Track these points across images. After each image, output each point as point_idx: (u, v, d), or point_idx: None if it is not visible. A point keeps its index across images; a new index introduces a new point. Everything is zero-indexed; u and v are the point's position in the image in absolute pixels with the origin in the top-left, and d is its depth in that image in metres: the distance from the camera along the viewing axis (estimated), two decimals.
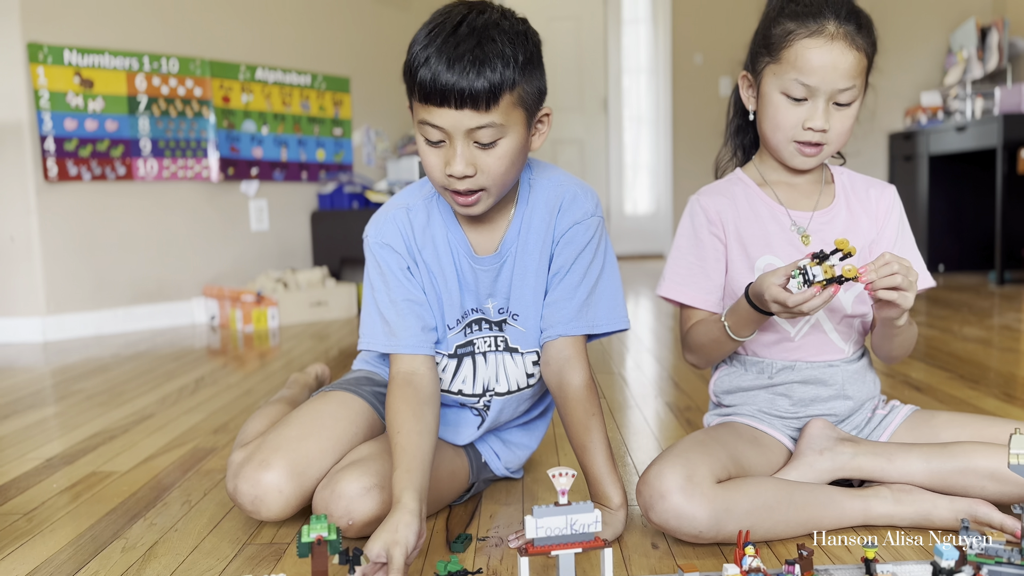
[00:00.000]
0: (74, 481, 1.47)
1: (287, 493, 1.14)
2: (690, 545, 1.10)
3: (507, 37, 1.01)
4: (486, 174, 1.04)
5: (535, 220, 1.17)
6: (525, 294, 1.18)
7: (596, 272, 1.17)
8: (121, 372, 2.50)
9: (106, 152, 3.27)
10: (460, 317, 1.20)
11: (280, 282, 3.58)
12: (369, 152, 4.27)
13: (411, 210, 1.17)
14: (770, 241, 1.23)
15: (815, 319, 1.22)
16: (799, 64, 1.13)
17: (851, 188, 1.27)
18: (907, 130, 4.77)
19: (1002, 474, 1.10)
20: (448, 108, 1.00)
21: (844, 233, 1.24)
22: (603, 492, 1.13)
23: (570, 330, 1.16)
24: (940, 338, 2.63)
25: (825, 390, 1.23)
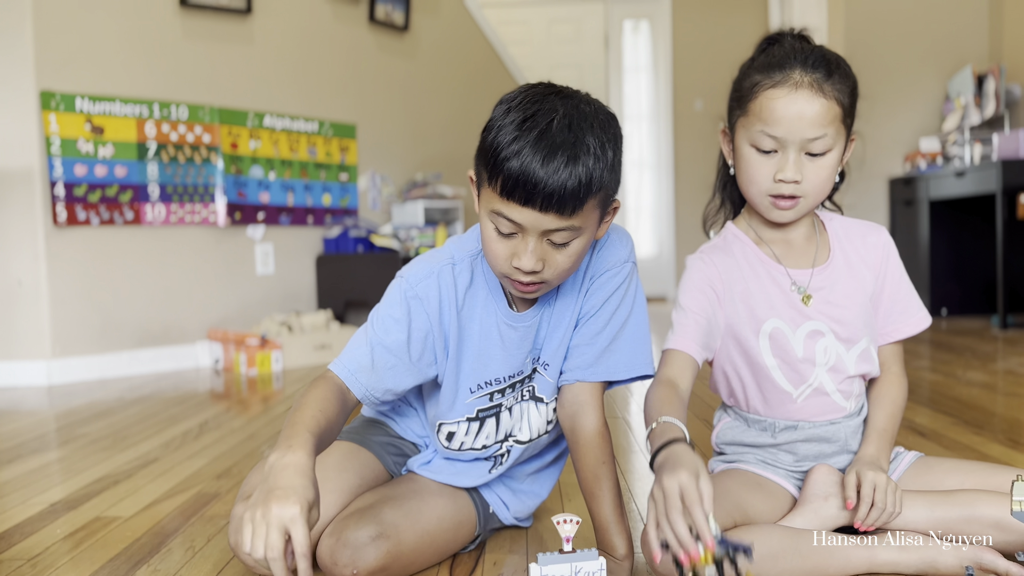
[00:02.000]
0: (77, 527, 1.47)
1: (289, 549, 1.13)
2: None
3: (599, 142, 0.98)
4: (552, 269, 1.03)
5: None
6: (555, 342, 1.18)
7: (621, 319, 1.16)
8: (125, 416, 2.50)
9: (115, 197, 3.31)
10: (488, 382, 1.17)
11: (285, 325, 3.60)
12: (374, 196, 4.32)
13: (457, 266, 1.13)
14: (773, 304, 1.21)
15: (818, 382, 1.21)
16: (764, 115, 1.12)
17: (845, 237, 1.25)
18: (907, 175, 4.81)
19: (1007, 523, 1.09)
20: (531, 209, 0.96)
21: (846, 288, 1.21)
22: (609, 541, 1.13)
23: (587, 376, 1.16)
24: (944, 383, 2.63)
25: (828, 447, 1.23)
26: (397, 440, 1.33)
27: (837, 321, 1.20)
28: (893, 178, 4.96)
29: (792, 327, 1.20)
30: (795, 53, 1.13)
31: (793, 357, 1.20)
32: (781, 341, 1.20)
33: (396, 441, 1.32)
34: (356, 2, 4.18)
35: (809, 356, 1.20)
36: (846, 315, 1.21)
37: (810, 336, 1.21)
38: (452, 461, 1.27)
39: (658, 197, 6.72)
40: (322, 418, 1.02)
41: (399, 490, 1.21)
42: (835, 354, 1.20)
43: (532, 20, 6.62)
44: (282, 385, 3.04)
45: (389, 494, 1.19)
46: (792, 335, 1.20)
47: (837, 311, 1.20)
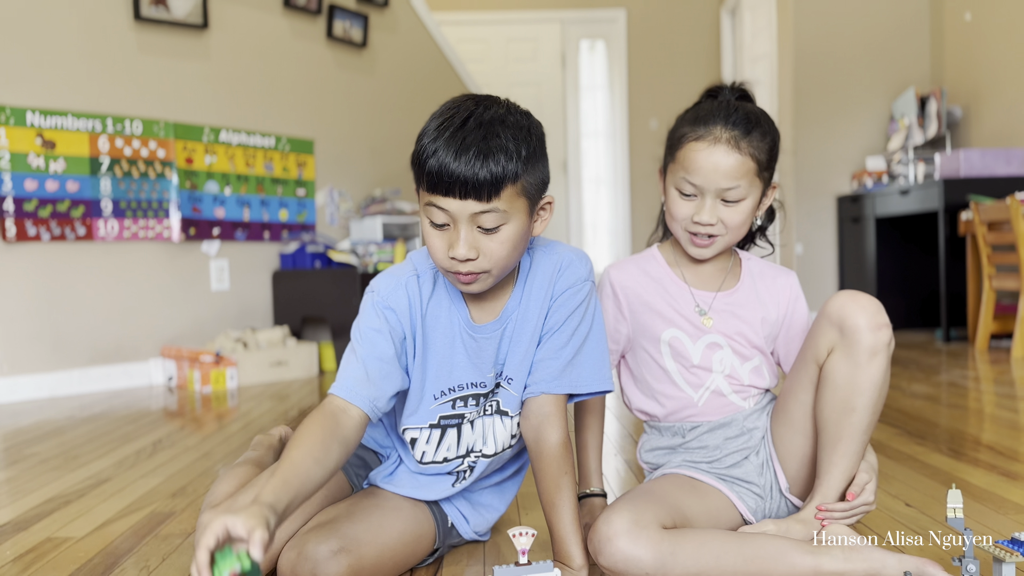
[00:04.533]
0: (27, 548, 1.44)
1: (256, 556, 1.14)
2: None
3: (511, 132, 1.07)
4: (488, 257, 1.09)
5: (535, 288, 1.21)
6: (517, 356, 1.21)
7: (583, 334, 1.21)
8: (76, 435, 2.46)
9: (66, 213, 3.26)
10: (451, 388, 1.21)
11: (240, 342, 3.56)
12: (332, 212, 4.31)
13: (421, 277, 1.20)
14: (674, 317, 1.33)
15: (715, 385, 1.32)
16: (686, 164, 1.26)
17: (758, 274, 1.38)
18: (854, 193, 4.96)
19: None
20: (453, 198, 1.05)
21: (747, 314, 1.35)
22: (566, 551, 1.15)
23: (553, 388, 1.20)
24: (889, 395, 2.70)
25: (731, 430, 1.33)
26: (359, 449, 1.34)
27: (733, 339, 1.33)
28: (841, 196, 5.10)
29: (692, 338, 1.33)
30: (720, 110, 1.26)
31: (690, 363, 1.32)
32: (679, 348, 1.33)
33: (358, 451, 1.34)
34: (314, 18, 4.19)
35: (706, 364, 1.32)
36: (743, 337, 1.33)
37: (708, 347, 1.33)
38: (415, 474, 1.28)
39: (614, 213, 6.81)
40: (305, 478, 1.01)
41: (361, 504, 1.22)
42: (730, 364, 1.32)
43: (490, 38, 6.68)
44: (237, 402, 3.01)
45: (351, 508, 1.20)
46: (691, 345, 1.33)
47: (734, 331, 1.33)
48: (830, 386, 1.21)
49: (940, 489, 1.61)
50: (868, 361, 1.17)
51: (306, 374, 3.64)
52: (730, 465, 1.31)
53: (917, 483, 1.66)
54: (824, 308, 1.22)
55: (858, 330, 1.16)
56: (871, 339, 1.16)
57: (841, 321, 1.18)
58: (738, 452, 1.32)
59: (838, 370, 1.19)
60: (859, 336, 1.16)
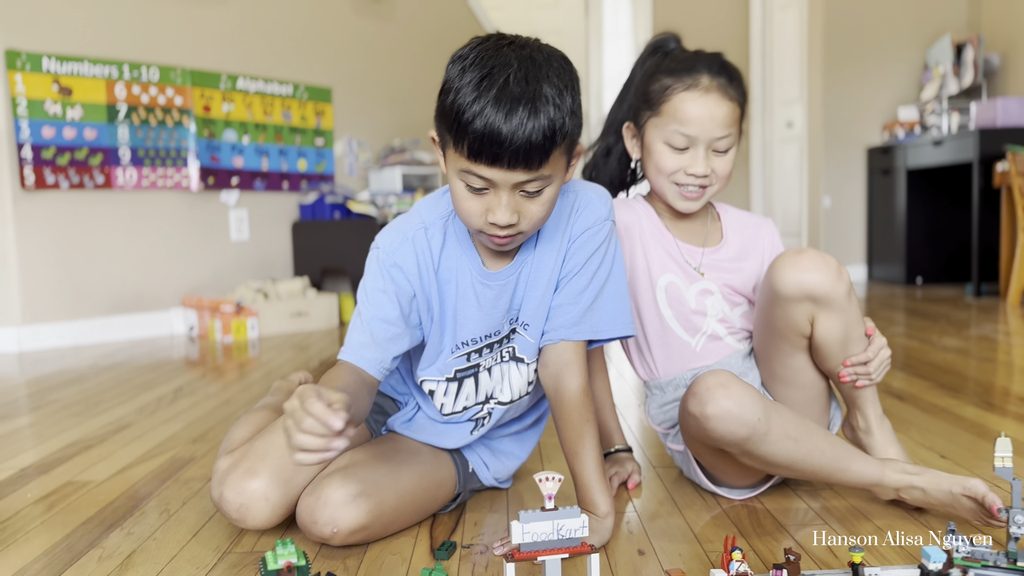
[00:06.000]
0: (49, 491, 1.44)
1: (273, 501, 1.12)
2: (675, 552, 1.10)
3: (557, 85, 0.97)
4: (528, 219, 1.03)
5: (550, 230, 1.15)
6: (534, 302, 1.16)
7: (603, 277, 1.16)
8: (98, 382, 2.46)
9: (84, 161, 3.23)
10: (467, 342, 1.16)
11: (260, 292, 3.55)
12: (351, 162, 4.26)
13: (429, 229, 1.13)
14: (667, 263, 1.32)
15: (711, 329, 1.31)
16: (679, 116, 1.23)
17: (738, 226, 1.37)
18: (885, 144, 4.83)
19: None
20: (499, 168, 0.96)
21: (735, 266, 1.33)
22: (591, 499, 1.12)
23: (572, 334, 1.16)
24: (920, 348, 2.65)
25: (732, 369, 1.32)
26: (377, 397, 1.31)
27: (723, 287, 1.33)
28: (871, 147, 4.97)
29: (686, 284, 1.33)
30: (701, 60, 1.25)
31: (687, 308, 1.32)
32: (676, 293, 1.32)
33: (376, 399, 1.31)
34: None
35: (701, 308, 1.32)
36: (730, 288, 1.33)
37: (701, 293, 1.33)
38: (434, 421, 1.26)
39: None
40: (342, 384, 1.01)
41: (380, 449, 1.20)
42: (722, 310, 1.33)
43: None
44: (258, 352, 3.01)
45: (370, 453, 1.18)
46: (686, 290, 1.32)
47: (723, 283, 1.33)
48: (835, 343, 1.20)
49: (974, 441, 1.58)
50: (848, 303, 1.17)
51: (326, 325, 3.63)
52: None
53: (952, 435, 1.62)
54: (775, 285, 1.17)
55: (828, 291, 1.15)
56: (842, 289, 1.16)
57: (809, 293, 1.15)
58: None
59: (832, 330, 1.18)
60: (833, 295, 1.16)
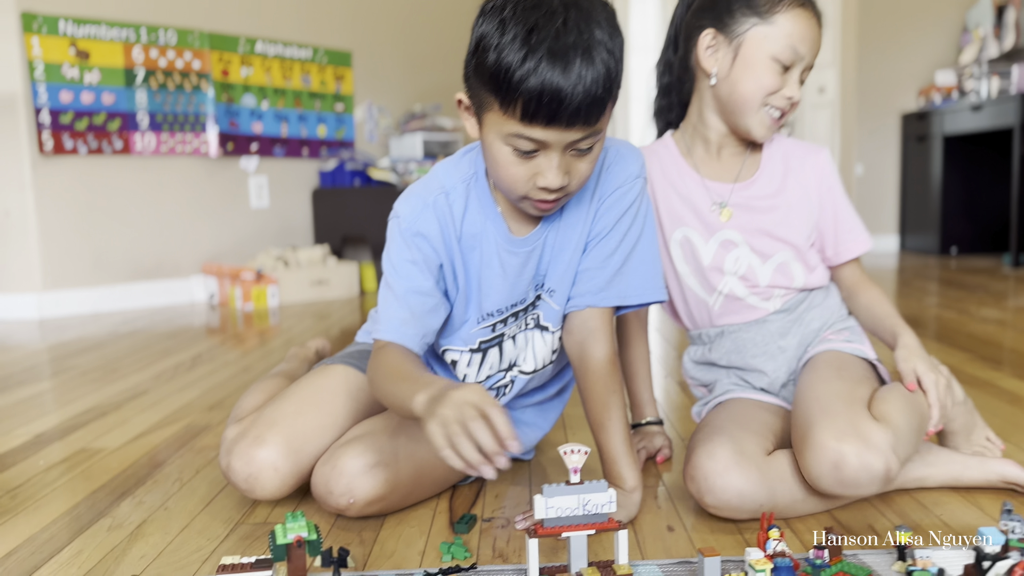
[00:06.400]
0: (63, 457, 1.41)
1: (283, 471, 1.08)
2: (707, 528, 1.04)
3: (607, 34, 0.88)
4: (577, 179, 0.95)
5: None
6: (561, 266, 1.09)
7: (633, 239, 1.08)
8: (116, 349, 2.44)
9: (103, 126, 3.20)
10: (492, 312, 1.09)
11: (280, 260, 3.52)
12: (371, 129, 4.20)
13: (450, 194, 1.03)
14: (684, 214, 1.21)
15: (728, 288, 1.21)
16: (796, 32, 1.12)
17: (781, 157, 1.23)
18: (920, 110, 4.68)
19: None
20: (557, 128, 0.88)
21: (770, 203, 1.21)
22: (618, 472, 1.07)
23: (599, 301, 1.09)
24: (957, 320, 2.56)
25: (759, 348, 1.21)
26: None
27: (753, 235, 1.20)
28: (906, 113, 4.82)
29: (704, 237, 1.21)
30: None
31: (701, 265, 1.22)
32: (690, 249, 1.22)
33: None
34: None
35: (717, 264, 1.21)
36: (763, 230, 1.20)
37: (722, 246, 1.21)
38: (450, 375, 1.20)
39: None
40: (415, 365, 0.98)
41: (398, 418, 1.14)
42: (746, 264, 1.20)
43: None
44: (279, 320, 2.98)
45: (388, 422, 1.13)
46: (703, 244, 1.21)
47: (753, 226, 1.20)
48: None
49: (1016, 413, 1.50)
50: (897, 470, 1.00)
51: (347, 294, 3.59)
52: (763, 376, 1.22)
53: (996, 409, 1.54)
54: (809, 475, 1.01)
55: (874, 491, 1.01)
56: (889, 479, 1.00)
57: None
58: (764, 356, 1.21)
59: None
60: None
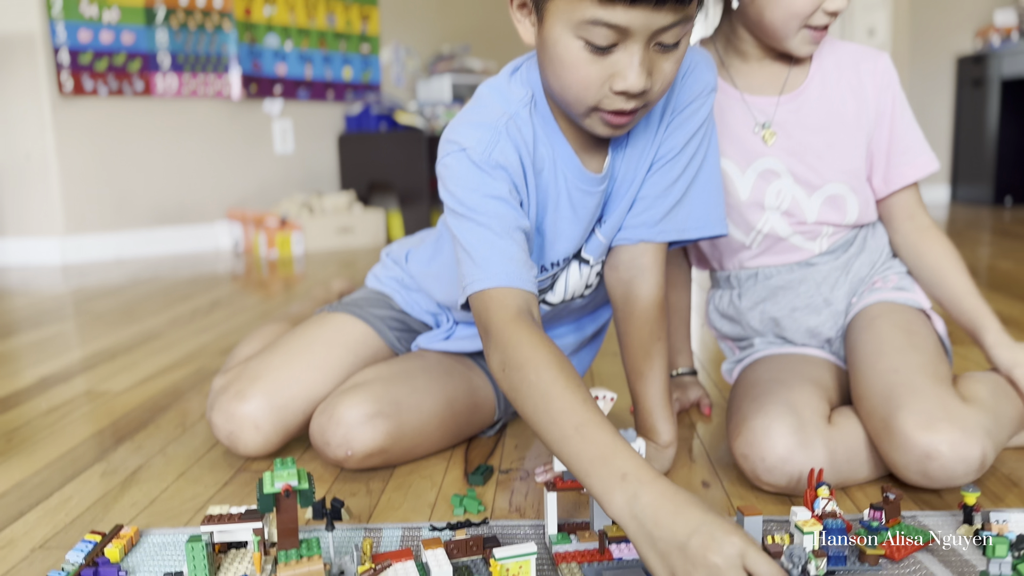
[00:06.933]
0: (65, 400, 1.35)
1: (265, 429, 1.00)
2: (746, 484, 0.94)
3: None
4: (660, 82, 0.78)
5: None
6: (624, 201, 0.94)
7: (699, 162, 0.94)
8: (135, 293, 2.39)
9: (123, 66, 3.11)
10: (557, 262, 0.95)
11: (305, 207, 3.44)
12: (398, 71, 4.06)
13: (515, 119, 0.86)
14: (720, 140, 1.02)
15: (769, 227, 1.05)
16: None
17: (832, 63, 1.04)
18: (977, 53, 4.42)
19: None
20: (643, 6, 0.71)
21: (819, 122, 1.02)
22: (652, 425, 0.97)
23: (655, 235, 0.95)
24: (1017, 270, 2.40)
25: (798, 299, 1.06)
26: (403, 316, 1.15)
27: (800, 160, 1.03)
28: (962, 56, 4.56)
29: (740, 167, 1.04)
30: None
31: (737, 200, 1.05)
32: (725, 182, 1.05)
33: (402, 316, 1.15)
34: None
35: (757, 199, 1.04)
36: (813, 153, 1.03)
37: (762, 176, 1.04)
38: (474, 334, 1.09)
39: None
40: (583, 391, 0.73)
41: (404, 366, 1.05)
42: (790, 198, 1.04)
43: None
44: (304, 268, 2.91)
45: (392, 370, 1.03)
46: (739, 176, 1.05)
47: (802, 148, 1.03)
48: None
49: None
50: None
51: (373, 242, 3.51)
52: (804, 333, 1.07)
53: None
54: (886, 455, 0.88)
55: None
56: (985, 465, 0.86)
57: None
58: (807, 309, 1.06)
59: None
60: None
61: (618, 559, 0.75)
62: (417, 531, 0.84)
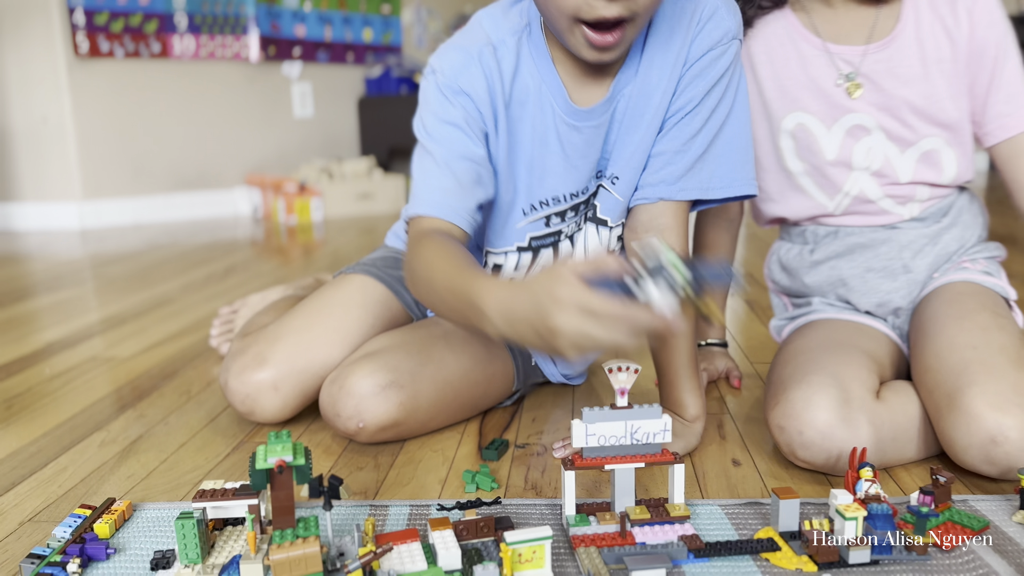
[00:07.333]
0: (69, 366, 1.31)
1: (284, 391, 0.96)
2: (780, 462, 0.87)
3: None
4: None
5: (662, 45, 0.86)
6: (629, 147, 0.89)
7: (722, 116, 0.88)
8: (150, 258, 2.35)
9: (139, 27, 3.06)
10: (544, 202, 0.92)
11: (325, 172, 3.38)
12: (420, 33, 3.97)
13: (499, 48, 0.85)
14: (800, 94, 0.96)
15: (858, 189, 0.96)
16: None
17: (928, 4, 0.93)
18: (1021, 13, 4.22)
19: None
20: None
21: (913, 71, 0.92)
22: (678, 398, 0.91)
23: (674, 193, 0.89)
24: None
25: (876, 259, 0.97)
26: None
27: (892, 115, 0.94)
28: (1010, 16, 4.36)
29: (825, 122, 0.96)
30: None
31: (822, 160, 0.97)
32: (807, 140, 0.97)
33: None
34: None
35: (844, 158, 0.96)
36: (907, 107, 0.94)
37: (850, 133, 0.95)
38: None
39: None
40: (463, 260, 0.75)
41: (419, 334, 0.99)
42: (881, 156, 0.95)
43: None
44: (323, 235, 2.85)
45: (407, 338, 0.98)
46: (824, 133, 0.96)
47: (894, 102, 0.94)
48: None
49: None
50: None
51: (393, 208, 3.45)
52: (873, 297, 0.98)
53: None
54: (947, 440, 0.80)
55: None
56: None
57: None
58: (883, 272, 0.97)
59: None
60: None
61: (641, 544, 0.69)
62: (426, 509, 0.78)
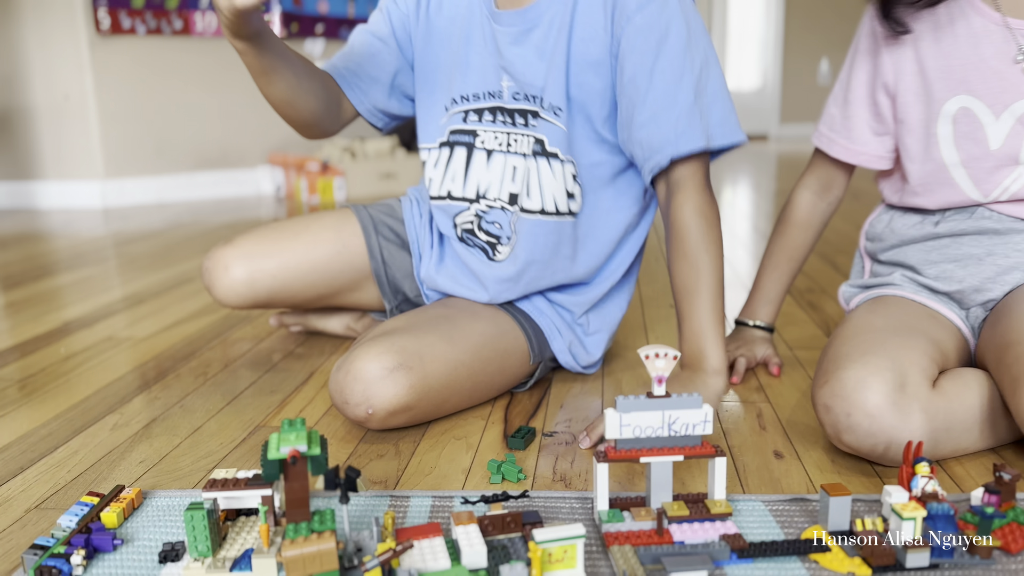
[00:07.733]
0: (86, 346, 1.28)
1: (232, 272, 1.09)
2: (827, 455, 0.82)
3: None
4: None
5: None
6: (560, 75, 0.92)
7: (699, 62, 0.89)
8: (171, 237, 2.33)
9: (161, 3, 3.02)
10: (463, 96, 0.99)
11: (347, 152, 3.34)
12: None
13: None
14: (969, 74, 0.86)
15: (1018, 186, 0.86)
16: None
17: None
18: None
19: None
20: None
21: None
22: (698, 349, 0.86)
23: (681, 147, 0.88)
24: None
25: (1002, 246, 0.87)
26: (400, 225, 1.15)
27: None
28: None
29: (994, 109, 0.86)
30: None
31: (984, 151, 0.87)
32: (970, 127, 0.87)
33: (399, 227, 1.15)
34: None
35: (1011, 150, 0.86)
36: None
37: (1021, 122, 0.85)
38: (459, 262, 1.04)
39: (766, 22, 6.03)
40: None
41: (426, 315, 0.96)
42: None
43: None
44: None
45: (413, 319, 0.95)
46: (992, 121, 0.87)
47: None
48: None
49: None
50: None
51: None
52: (963, 281, 0.89)
53: None
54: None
55: None
56: None
57: None
58: (992, 259, 0.88)
59: None
60: None
61: (679, 543, 0.64)
62: (449, 501, 0.74)
